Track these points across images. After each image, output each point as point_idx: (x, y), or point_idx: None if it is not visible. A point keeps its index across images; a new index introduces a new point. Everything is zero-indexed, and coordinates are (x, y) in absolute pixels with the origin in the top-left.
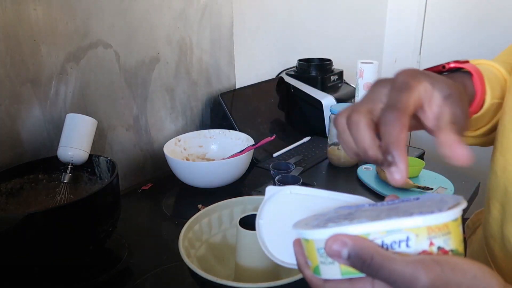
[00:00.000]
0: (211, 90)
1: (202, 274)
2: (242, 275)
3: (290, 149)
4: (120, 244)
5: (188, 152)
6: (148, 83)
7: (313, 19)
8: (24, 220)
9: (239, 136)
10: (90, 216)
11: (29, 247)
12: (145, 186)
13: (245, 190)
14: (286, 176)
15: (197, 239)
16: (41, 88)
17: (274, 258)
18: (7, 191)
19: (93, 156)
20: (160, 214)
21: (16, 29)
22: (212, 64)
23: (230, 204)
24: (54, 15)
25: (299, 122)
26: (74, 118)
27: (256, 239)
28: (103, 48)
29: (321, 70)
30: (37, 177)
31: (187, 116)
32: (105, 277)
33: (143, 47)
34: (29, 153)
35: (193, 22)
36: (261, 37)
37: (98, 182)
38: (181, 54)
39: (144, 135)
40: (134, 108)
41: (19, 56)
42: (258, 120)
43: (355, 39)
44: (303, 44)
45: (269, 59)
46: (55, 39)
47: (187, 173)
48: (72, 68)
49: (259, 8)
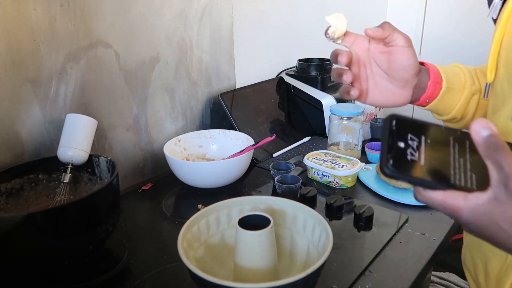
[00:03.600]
0: (211, 90)
1: (202, 275)
2: (241, 276)
3: (290, 149)
4: (120, 244)
5: (188, 152)
6: (148, 83)
7: (313, 19)
8: (24, 220)
9: (239, 136)
10: (90, 216)
11: (29, 247)
12: (145, 186)
13: (245, 190)
14: (286, 176)
15: (195, 240)
16: (41, 88)
17: None
18: (7, 191)
19: (93, 156)
20: (160, 214)
21: (16, 29)
22: (212, 64)
23: (228, 205)
24: (54, 15)
25: (299, 122)
26: (74, 118)
27: (255, 239)
28: (103, 48)
29: (321, 70)
30: (37, 177)
31: (187, 116)
32: (105, 277)
33: (143, 47)
34: (29, 153)
35: (193, 22)
36: (261, 37)
37: (98, 182)
38: (181, 54)
39: (144, 135)
40: (134, 108)
41: (19, 56)
42: (258, 120)
43: None
44: (303, 44)
45: (269, 59)
46: (55, 39)
47: (187, 173)
48: (72, 68)
49: (259, 8)
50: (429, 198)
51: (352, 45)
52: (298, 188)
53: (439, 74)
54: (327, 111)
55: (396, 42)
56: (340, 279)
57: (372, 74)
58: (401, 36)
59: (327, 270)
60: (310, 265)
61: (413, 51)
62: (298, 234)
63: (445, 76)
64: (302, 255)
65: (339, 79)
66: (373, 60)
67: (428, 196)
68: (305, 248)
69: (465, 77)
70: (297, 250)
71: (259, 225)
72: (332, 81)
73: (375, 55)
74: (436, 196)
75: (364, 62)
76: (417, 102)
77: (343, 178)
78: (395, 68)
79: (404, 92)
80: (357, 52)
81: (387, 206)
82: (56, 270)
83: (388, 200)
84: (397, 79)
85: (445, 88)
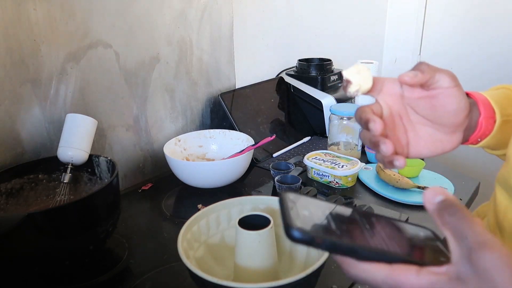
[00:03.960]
0: (211, 90)
1: (202, 275)
2: (241, 276)
3: (290, 149)
4: (120, 244)
5: (188, 152)
6: (148, 83)
7: (313, 19)
8: (24, 220)
9: (239, 136)
10: (90, 216)
11: (29, 247)
12: (145, 186)
13: (245, 190)
14: (286, 176)
15: (195, 240)
16: (41, 88)
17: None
18: (7, 191)
19: (93, 156)
20: (160, 214)
21: (16, 29)
22: (212, 64)
23: (228, 205)
24: (54, 15)
25: (299, 122)
26: (74, 118)
27: (255, 239)
28: (103, 48)
29: (321, 70)
30: (37, 177)
31: (187, 116)
32: (105, 277)
33: (143, 47)
34: (29, 153)
35: (193, 22)
36: (261, 37)
37: (98, 182)
38: (181, 54)
39: (144, 135)
40: (134, 108)
41: (19, 56)
42: (258, 120)
43: (355, 39)
44: (303, 44)
45: (269, 59)
46: (55, 39)
47: (187, 173)
48: (72, 68)
49: (259, 8)
50: (368, 272)
51: (379, 94)
52: (298, 188)
53: (489, 106)
54: (327, 111)
55: (439, 84)
56: (340, 279)
57: (411, 124)
58: (444, 76)
59: (327, 270)
60: (310, 265)
61: (461, 90)
62: None
63: (498, 106)
64: (302, 255)
65: (372, 145)
66: (410, 107)
67: (367, 269)
68: (305, 248)
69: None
70: (297, 250)
71: (259, 225)
72: (332, 81)
73: (413, 102)
74: (379, 270)
75: (398, 112)
76: (467, 142)
77: (343, 178)
78: (442, 114)
79: (454, 138)
80: (387, 102)
81: (387, 206)
82: (56, 270)
83: (388, 200)
84: (444, 126)
85: (500, 121)
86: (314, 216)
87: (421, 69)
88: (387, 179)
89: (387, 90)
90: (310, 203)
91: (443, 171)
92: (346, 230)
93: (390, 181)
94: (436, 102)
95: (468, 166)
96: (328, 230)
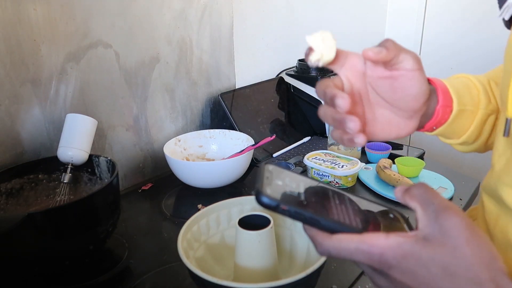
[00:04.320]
0: (211, 90)
1: (202, 275)
2: (241, 275)
3: (290, 149)
4: (120, 244)
5: (188, 152)
6: (148, 83)
7: (313, 19)
8: (24, 220)
9: (239, 136)
10: (90, 216)
11: (29, 247)
12: (145, 186)
13: (245, 190)
14: None
15: (195, 240)
16: (41, 88)
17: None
18: (7, 191)
19: (93, 156)
20: (160, 214)
21: (16, 29)
22: (212, 64)
23: (228, 205)
24: (54, 15)
25: (299, 122)
26: (74, 118)
27: (255, 239)
28: (103, 48)
29: (321, 70)
30: (37, 177)
31: (187, 116)
32: (105, 277)
33: (143, 47)
34: (29, 153)
35: (193, 22)
36: (261, 37)
37: (98, 182)
38: (181, 54)
39: (144, 135)
40: (134, 108)
41: (19, 56)
42: (258, 120)
43: (355, 39)
44: (303, 44)
45: (269, 59)
46: (55, 39)
47: (187, 173)
48: (72, 68)
49: (259, 8)
50: (341, 243)
51: (342, 68)
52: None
53: (448, 94)
54: None
55: (402, 64)
56: (340, 279)
57: (370, 104)
58: (409, 57)
59: (327, 270)
60: (310, 265)
61: (424, 75)
62: (298, 234)
63: (456, 95)
64: (302, 255)
65: (335, 122)
66: (371, 87)
67: (339, 239)
68: (305, 248)
69: (479, 94)
70: (297, 250)
71: (259, 225)
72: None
73: (374, 81)
74: (351, 239)
75: (359, 90)
76: (421, 129)
77: (343, 178)
78: (401, 97)
79: (410, 123)
80: (349, 78)
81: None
82: (56, 270)
83: (388, 200)
84: (402, 110)
85: (456, 110)
86: (287, 187)
87: (386, 46)
88: (387, 179)
89: (350, 66)
90: (288, 176)
91: (443, 171)
92: (314, 202)
93: (390, 181)
94: (398, 84)
95: (468, 166)
96: (295, 200)
